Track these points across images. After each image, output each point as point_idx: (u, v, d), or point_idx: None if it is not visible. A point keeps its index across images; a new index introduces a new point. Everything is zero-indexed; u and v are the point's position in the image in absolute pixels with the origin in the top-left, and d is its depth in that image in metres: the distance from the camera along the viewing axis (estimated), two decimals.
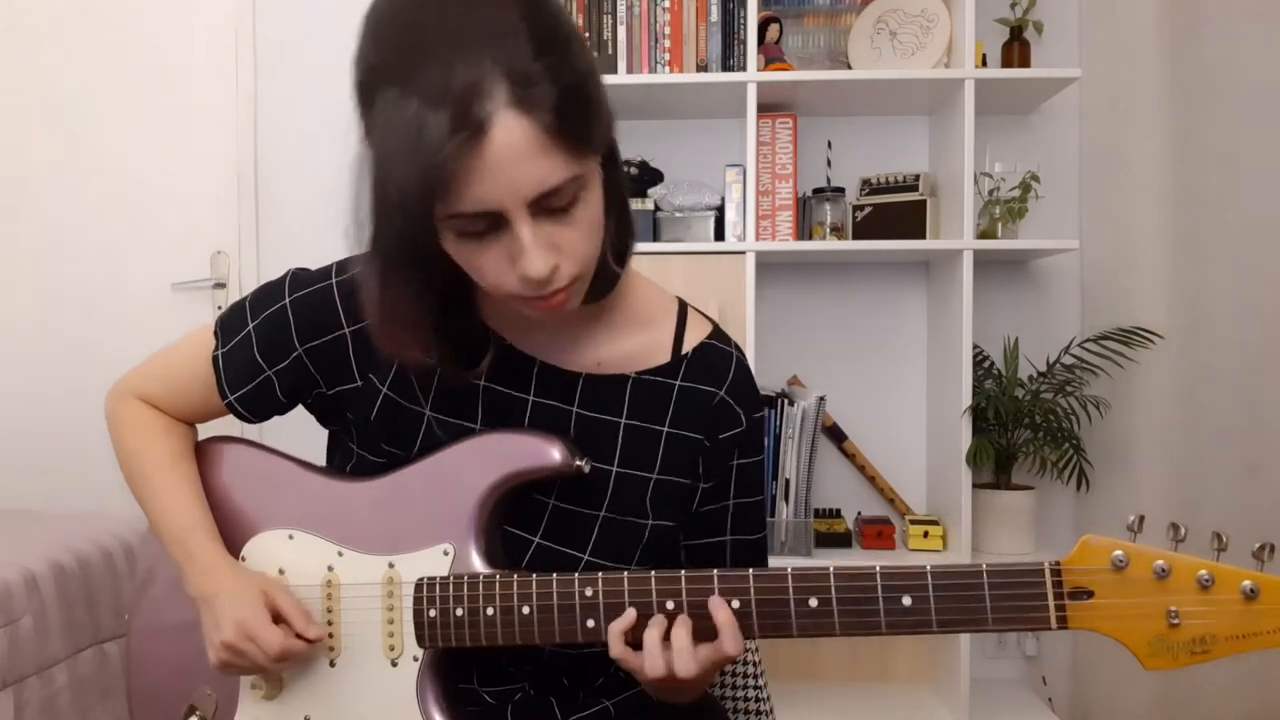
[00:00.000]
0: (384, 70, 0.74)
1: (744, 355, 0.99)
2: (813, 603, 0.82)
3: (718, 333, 0.99)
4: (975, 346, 2.26)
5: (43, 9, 2.69)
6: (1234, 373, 2.07)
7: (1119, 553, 0.75)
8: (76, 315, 2.69)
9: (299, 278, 0.98)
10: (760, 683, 1.17)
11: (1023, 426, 2.24)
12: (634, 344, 0.96)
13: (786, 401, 2.28)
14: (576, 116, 0.74)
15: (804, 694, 2.35)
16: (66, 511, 2.35)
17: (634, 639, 0.83)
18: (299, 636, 0.91)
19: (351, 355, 0.95)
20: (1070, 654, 2.47)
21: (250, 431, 1.34)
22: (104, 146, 2.68)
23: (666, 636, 0.82)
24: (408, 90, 0.71)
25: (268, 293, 0.98)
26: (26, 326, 2.71)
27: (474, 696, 0.95)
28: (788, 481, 2.24)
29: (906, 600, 0.80)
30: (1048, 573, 0.77)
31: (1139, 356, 2.18)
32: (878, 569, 0.81)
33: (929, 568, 0.80)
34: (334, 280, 0.96)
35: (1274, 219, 2.00)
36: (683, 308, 1.00)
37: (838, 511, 2.41)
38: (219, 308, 2.64)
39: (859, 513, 2.47)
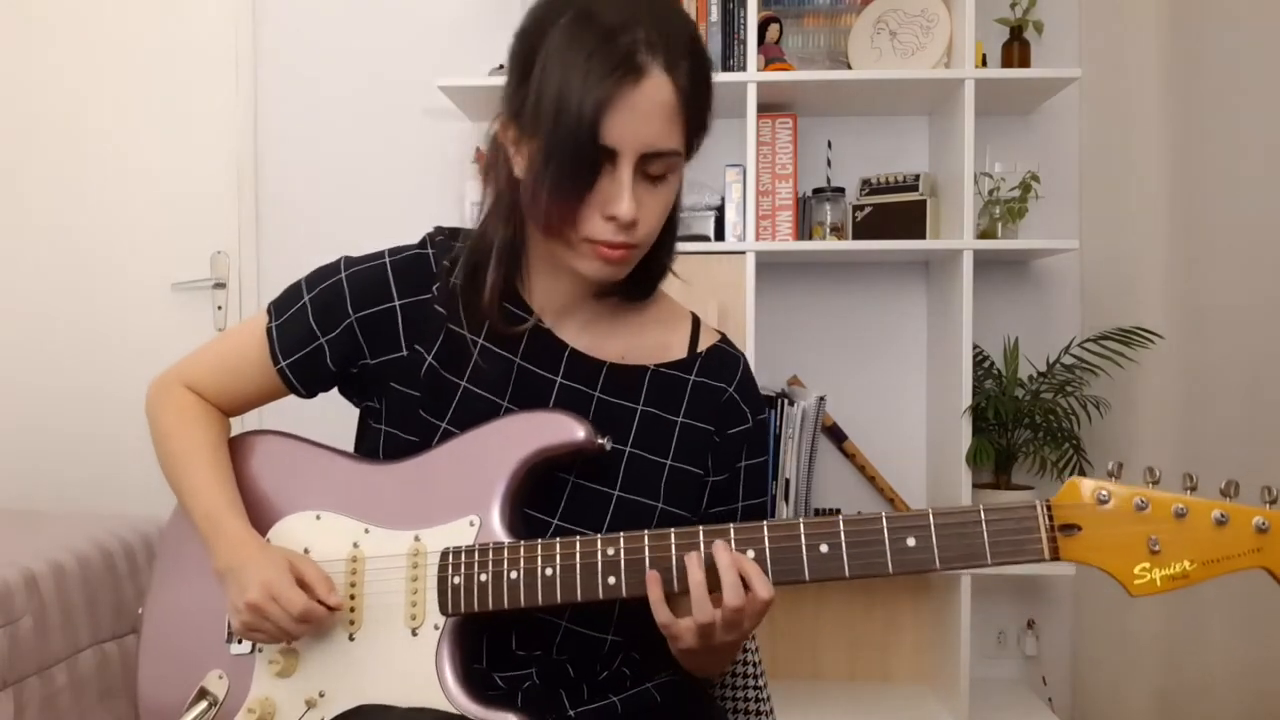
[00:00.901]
0: (568, 6, 0.88)
1: (748, 361, 1.08)
2: (823, 548, 0.86)
3: (726, 340, 1.09)
4: (975, 346, 2.26)
5: (43, 9, 2.69)
6: (1234, 373, 2.07)
7: (1102, 490, 0.82)
8: (77, 315, 2.69)
9: (352, 258, 1.06)
10: (760, 683, 1.17)
11: (1023, 426, 2.24)
12: (654, 340, 1.06)
13: (786, 401, 2.28)
14: (700, 103, 0.91)
15: (804, 694, 2.35)
16: (66, 511, 2.35)
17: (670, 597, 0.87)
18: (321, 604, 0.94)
19: (400, 326, 1.02)
20: (1070, 654, 2.47)
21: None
22: (104, 146, 2.68)
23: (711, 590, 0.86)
24: (588, 25, 0.86)
25: (322, 272, 1.06)
26: (27, 326, 2.71)
27: (487, 679, 0.97)
28: (788, 481, 2.24)
29: (911, 541, 0.84)
30: (1040, 509, 0.83)
31: (1139, 356, 2.18)
32: (883, 515, 0.86)
33: (931, 511, 0.85)
34: (388, 259, 1.04)
35: (1274, 219, 2.00)
36: (696, 317, 1.10)
37: (837, 511, 2.40)
38: (219, 308, 2.64)
39: (859, 512, 2.46)
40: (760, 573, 0.86)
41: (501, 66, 2.40)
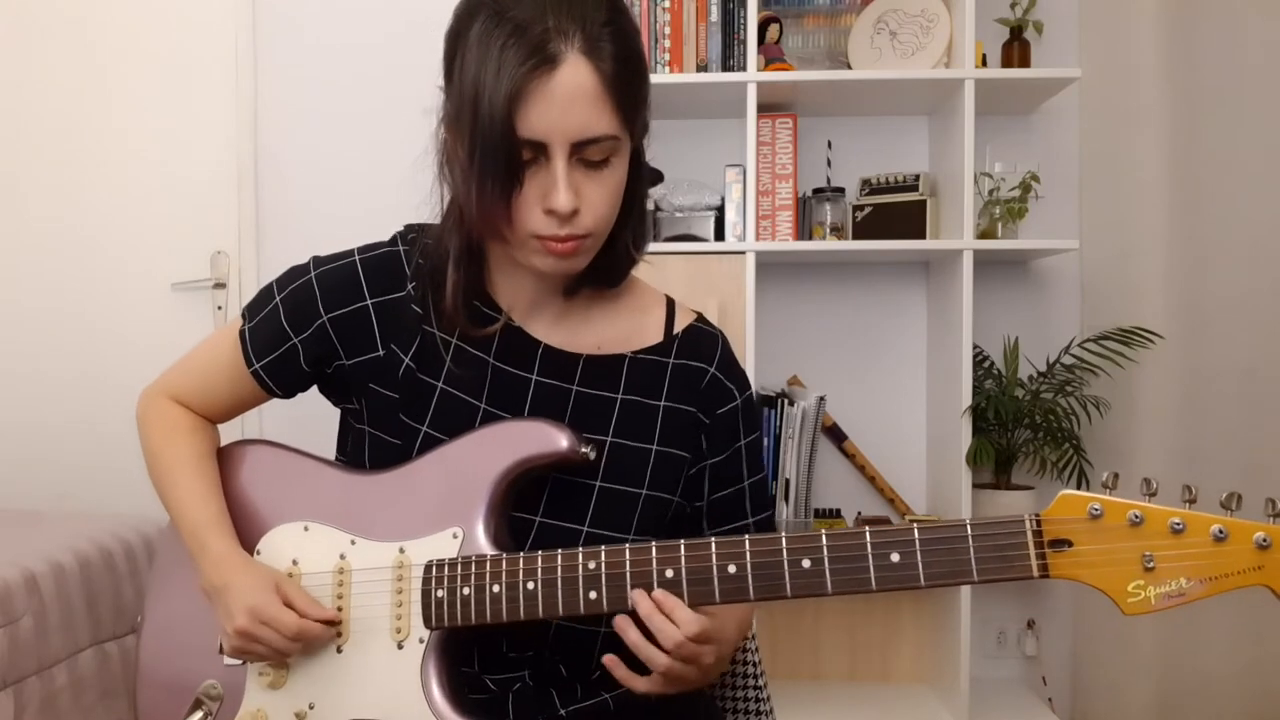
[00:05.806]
0: (482, 7, 0.87)
1: (726, 338, 1.08)
2: (805, 563, 0.84)
3: (702, 318, 1.09)
4: (975, 346, 2.26)
5: (43, 8, 2.69)
6: (1234, 373, 2.07)
7: (1095, 504, 0.80)
8: (76, 315, 2.69)
9: (321, 258, 1.05)
10: (760, 683, 1.17)
11: (1023, 426, 2.24)
12: (630, 326, 1.05)
13: (786, 401, 2.28)
14: (628, 82, 0.88)
15: (804, 694, 2.35)
16: (66, 511, 2.35)
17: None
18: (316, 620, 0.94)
19: (375, 325, 1.01)
20: (1070, 654, 2.47)
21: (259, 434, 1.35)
22: (104, 145, 2.68)
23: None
24: (499, 21, 0.85)
25: (293, 272, 1.05)
26: (27, 326, 2.71)
27: (478, 683, 0.97)
28: (788, 481, 2.24)
29: (895, 556, 0.82)
30: (1028, 524, 0.81)
31: (1139, 356, 2.18)
32: (867, 530, 0.83)
33: (915, 526, 0.83)
34: (357, 257, 1.03)
35: (1274, 219, 2.01)
36: (670, 299, 1.09)
37: (838, 511, 2.41)
38: (219, 308, 2.64)
39: (859, 513, 2.47)
40: (681, 609, 0.85)
41: None
